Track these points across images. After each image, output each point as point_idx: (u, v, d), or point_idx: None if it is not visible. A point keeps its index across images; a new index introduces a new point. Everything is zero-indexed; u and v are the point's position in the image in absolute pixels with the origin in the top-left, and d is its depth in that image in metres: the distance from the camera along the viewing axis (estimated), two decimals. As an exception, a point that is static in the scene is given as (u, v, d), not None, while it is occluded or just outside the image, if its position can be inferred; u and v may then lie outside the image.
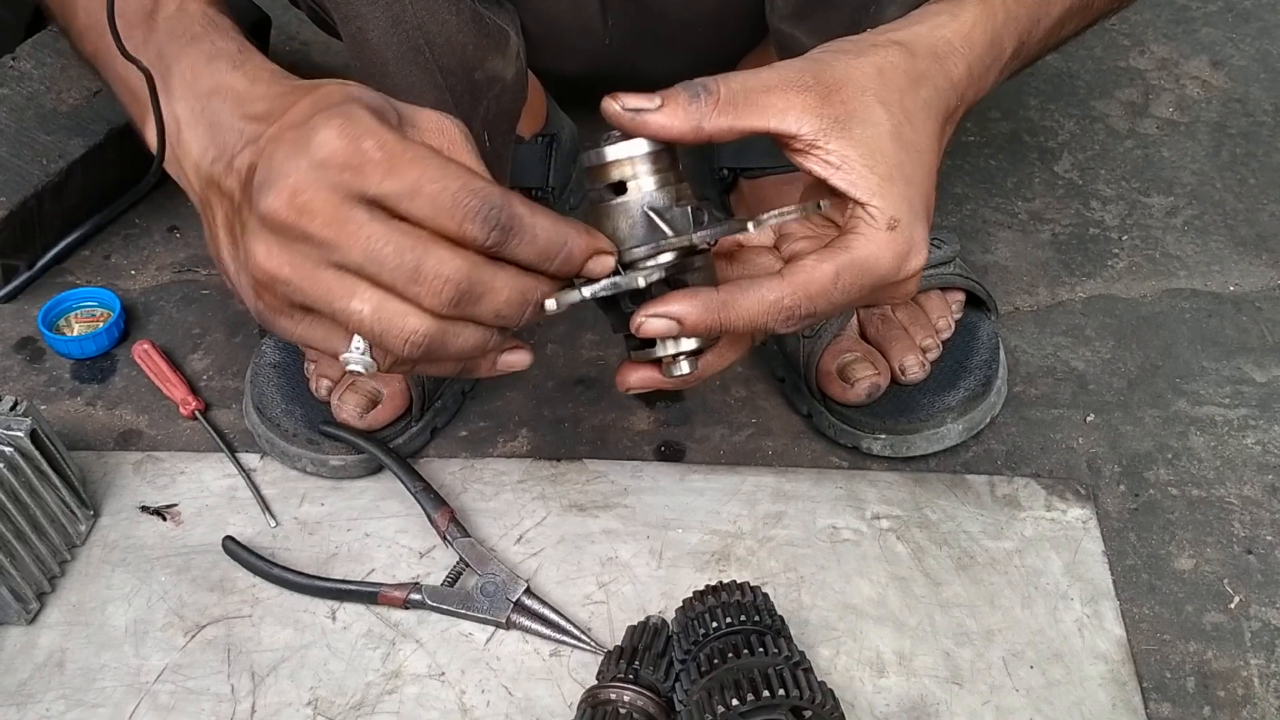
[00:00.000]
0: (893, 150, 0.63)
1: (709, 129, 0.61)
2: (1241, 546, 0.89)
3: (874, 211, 0.62)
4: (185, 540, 0.89)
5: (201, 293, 1.09)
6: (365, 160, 0.54)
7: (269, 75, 0.64)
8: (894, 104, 0.63)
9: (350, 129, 0.54)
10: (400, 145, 0.54)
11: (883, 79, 0.64)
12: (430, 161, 0.54)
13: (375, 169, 0.54)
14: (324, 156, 0.54)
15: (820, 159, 0.62)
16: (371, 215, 0.55)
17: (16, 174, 1.05)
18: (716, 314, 0.62)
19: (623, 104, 0.60)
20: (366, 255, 0.55)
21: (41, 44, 1.15)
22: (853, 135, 0.62)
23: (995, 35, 0.70)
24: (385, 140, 0.54)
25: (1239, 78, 1.32)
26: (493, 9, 0.79)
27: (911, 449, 0.92)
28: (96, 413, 0.99)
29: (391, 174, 0.54)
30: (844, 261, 0.62)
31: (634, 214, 0.62)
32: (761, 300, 0.62)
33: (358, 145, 0.54)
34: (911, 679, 0.81)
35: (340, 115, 0.55)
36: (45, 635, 0.84)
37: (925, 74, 0.66)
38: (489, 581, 0.85)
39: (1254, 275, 1.10)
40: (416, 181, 0.54)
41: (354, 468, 0.92)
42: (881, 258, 0.62)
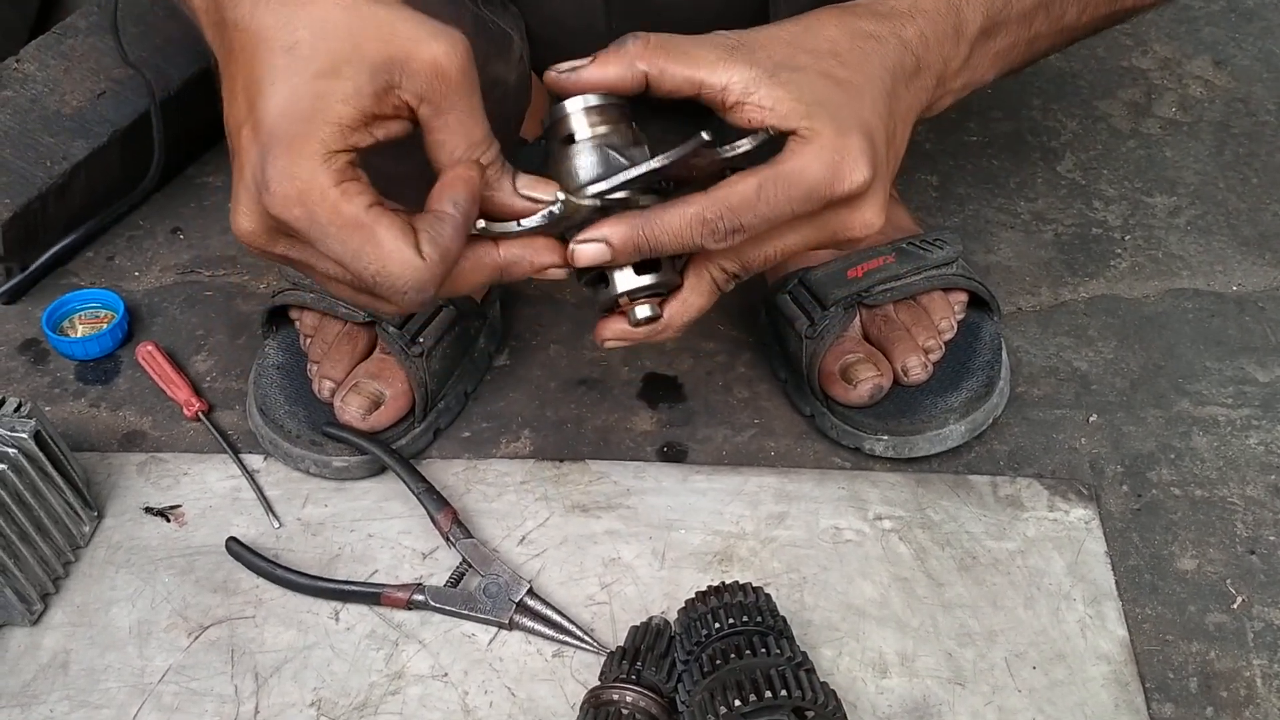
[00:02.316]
0: (822, 85, 0.64)
1: (642, 68, 0.63)
2: (1244, 547, 0.89)
3: (803, 131, 0.63)
4: (189, 541, 0.89)
5: (205, 294, 1.09)
6: (298, 226, 0.59)
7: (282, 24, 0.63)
8: (823, 52, 0.65)
9: (283, 193, 0.58)
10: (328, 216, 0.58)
11: (810, 33, 0.66)
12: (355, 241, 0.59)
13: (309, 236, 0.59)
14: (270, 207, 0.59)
15: (754, 107, 0.63)
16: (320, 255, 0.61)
17: (20, 176, 1.05)
18: (640, 231, 0.64)
19: (557, 68, 0.63)
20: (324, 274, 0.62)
21: (45, 46, 1.15)
22: (780, 79, 0.63)
23: (950, 2, 0.71)
24: (313, 209, 0.58)
25: (1242, 77, 1.32)
26: (496, 12, 0.79)
27: (914, 450, 0.92)
28: (100, 414, 0.99)
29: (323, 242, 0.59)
30: (767, 174, 0.63)
31: (587, 155, 0.65)
32: (683, 215, 0.63)
33: (290, 212, 0.58)
34: (914, 680, 0.81)
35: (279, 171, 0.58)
36: (49, 636, 0.84)
37: (866, 28, 0.67)
38: (492, 582, 0.85)
39: (1257, 275, 1.10)
40: (344, 257, 0.59)
41: (357, 469, 0.92)
42: (808, 168, 0.63)
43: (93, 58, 1.14)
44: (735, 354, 1.04)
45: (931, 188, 1.19)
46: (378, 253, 0.58)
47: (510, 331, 1.06)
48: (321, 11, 0.59)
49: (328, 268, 0.61)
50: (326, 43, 0.59)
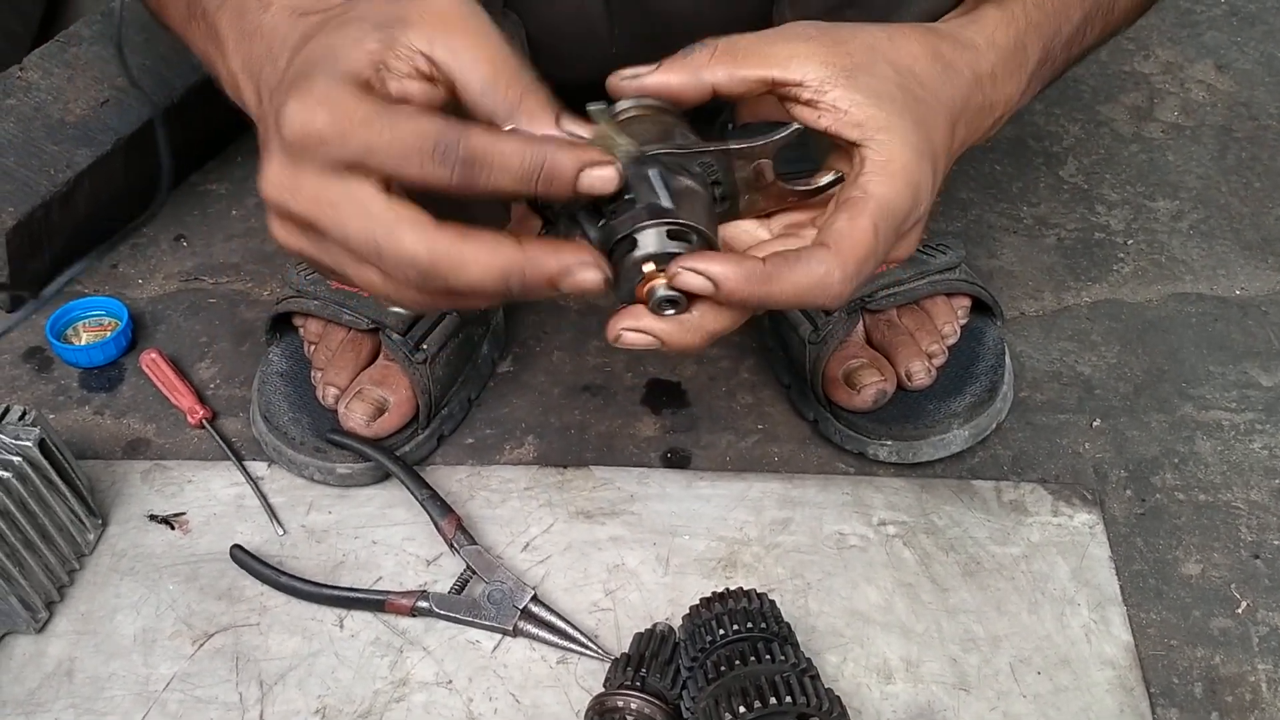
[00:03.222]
0: (900, 96, 0.61)
1: (709, 79, 0.60)
2: (1249, 551, 0.89)
3: (880, 144, 0.59)
4: (193, 549, 0.90)
5: (209, 301, 1.09)
6: (320, 137, 0.53)
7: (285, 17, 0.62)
8: (903, 66, 0.62)
9: (304, 106, 0.53)
10: (351, 105, 0.53)
11: (893, 43, 0.62)
12: (381, 117, 0.53)
13: (332, 141, 0.53)
14: (288, 136, 0.54)
15: (825, 107, 0.60)
16: (344, 189, 0.54)
17: (24, 184, 1.05)
18: (759, 285, 0.57)
19: (620, 75, 0.60)
20: (339, 235, 0.55)
21: (48, 54, 1.15)
22: (858, 83, 0.60)
23: (1019, 39, 0.69)
24: (335, 108, 0.53)
25: (1244, 81, 1.32)
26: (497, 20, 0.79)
27: (918, 455, 0.92)
28: (104, 422, 1.00)
29: (346, 142, 0.53)
30: (874, 210, 0.59)
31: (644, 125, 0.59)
32: (810, 274, 0.57)
33: (311, 122, 0.53)
34: (918, 685, 0.81)
35: (298, 91, 0.54)
36: (54, 644, 0.84)
37: (946, 55, 0.65)
38: (496, 589, 0.85)
39: (1260, 279, 1.10)
40: (368, 141, 0.53)
41: (361, 475, 0.92)
42: (901, 194, 0.60)
43: (96, 66, 1.14)
44: (739, 359, 1.04)
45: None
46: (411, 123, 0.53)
47: (514, 338, 1.06)
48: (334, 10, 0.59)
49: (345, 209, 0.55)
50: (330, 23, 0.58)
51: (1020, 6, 0.70)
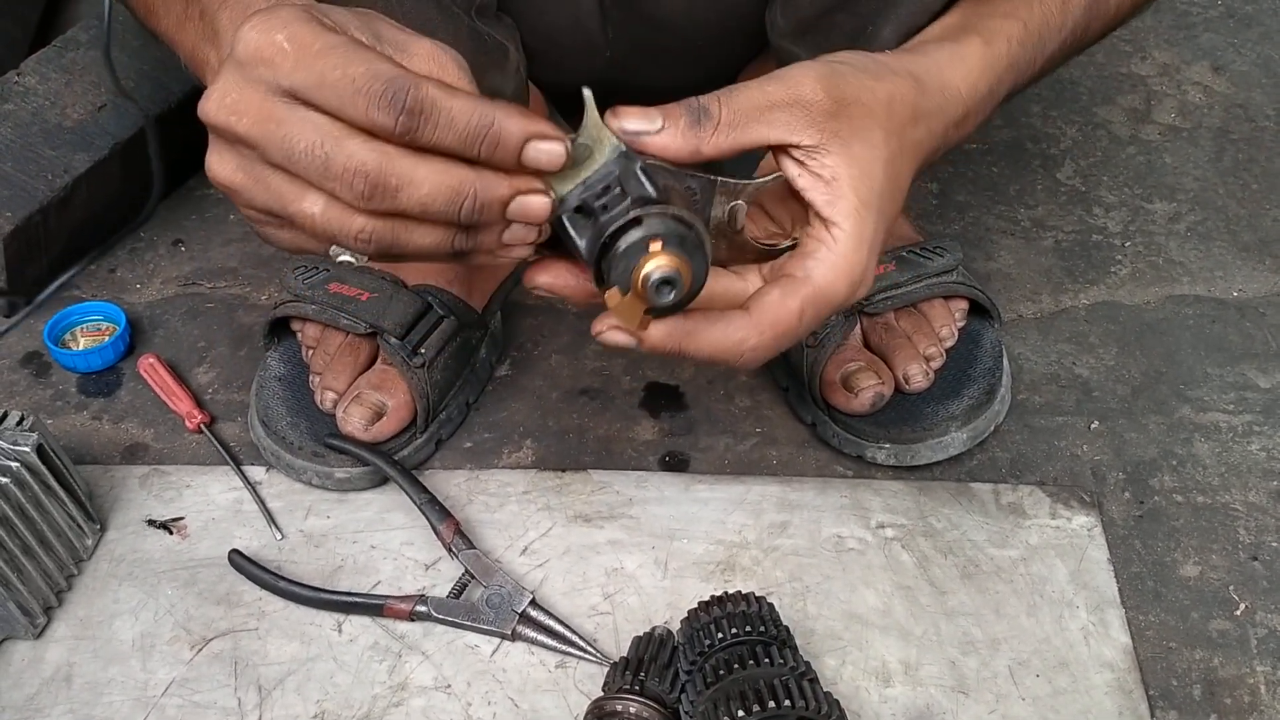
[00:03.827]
0: (881, 179, 0.62)
1: (708, 151, 0.59)
2: (1247, 553, 0.89)
3: (839, 235, 0.61)
4: (191, 554, 0.89)
5: (206, 306, 1.09)
6: (276, 53, 0.52)
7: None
8: (894, 135, 0.63)
9: (265, 25, 0.53)
10: (311, 36, 0.52)
11: (890, 109, 0.63)
12: (338, 50, 0.52)
13: (285, 61, 0.52)
14: (241, 54, 0.53)
15: (812, 170, 0.61)
16: (289, 109, 0.53)
17: (21, 189, 1.06)
18: (678, 342, 0.60)
19: (622, 125, 0.58)
20: (285, 152, 0.53)
21: (46, 59, 1.15)
22: (851, 153, 0.61)
23: (996, 82, 0.70)
24: (296, 32, 0.52)
25: (1241, 83, 1.32)
26: (491, 24, 0.79)
27: (916, 458, 0.92)
28: (103, 427, 1.00)
29: (299, 65, 0.52)
30: (808, 295, 0.61)
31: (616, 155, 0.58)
32: (727, 338, 0.60)
33: (270, 39, 0.52)
34: (917, 688, 0.81)
35: (262, 14, 0.53)
36: (53, 650, 0.84)
37: (927, 113, 0.65)
38: (495, 593, 0.85)
39: (1257, 281, 1.10)
40: (321, 70, 0.52)
41: (359, 480, 0.92)
42: (839, 286, 0.61)
43: (93, 71, 1.14)
44: (736, 363, 1.04)
45: (931, 195, 1.19)
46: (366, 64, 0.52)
47: (511, 342, 1.06)
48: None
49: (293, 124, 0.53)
50: None
51: (1005, 45, 0.71)
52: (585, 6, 0.90)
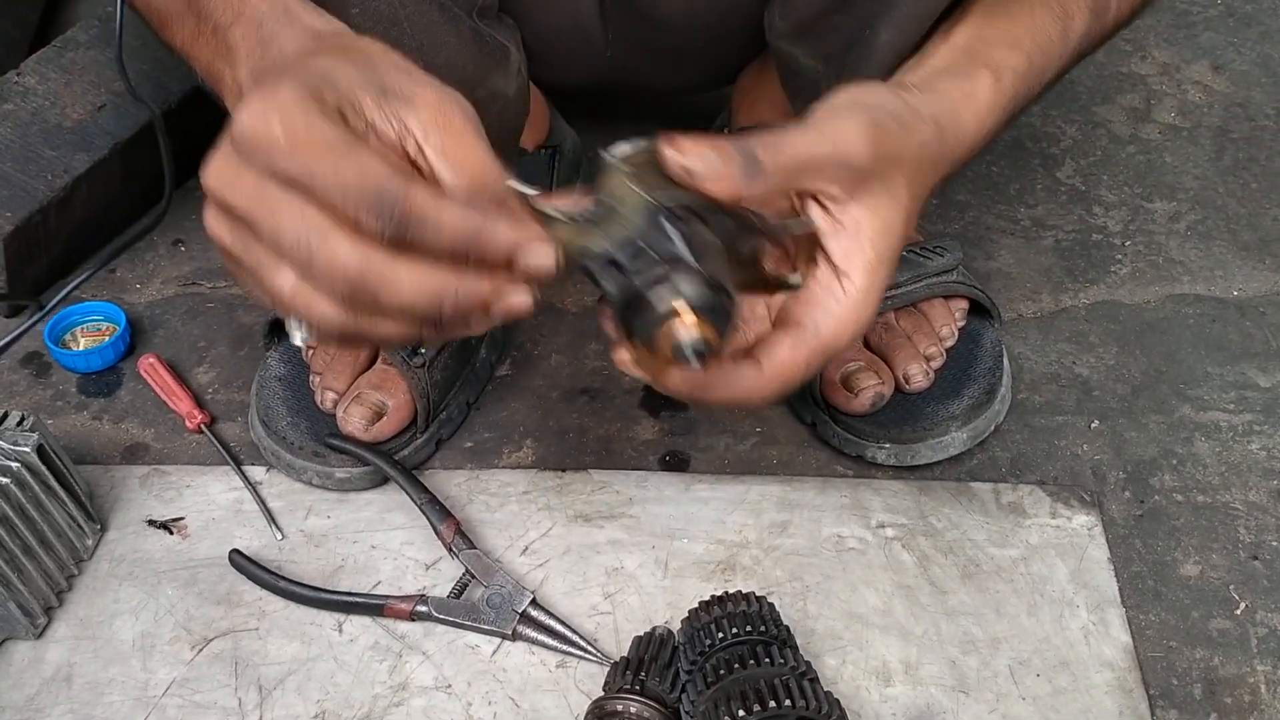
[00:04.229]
0: (898, 233, 0.63)
1: (749, 197, 0.59)
2: (1247, 552, 0.89)
3: (850, 289, 0.62)
4: (192, 554, 0.90)
5: (207, 306, 1.09)
6: (270, 142, 0.52)
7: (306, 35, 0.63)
8: (916, 186, 0.64)
9: (262, 110, 0.53)
10: (305, 128, 0.52)
11: (919, 163, 0.64)
12: (331, 149, 0.52)
13: (278, 152, 0.52)
14: (238, 136, 0.53)
15: (835, 217, 0.62)
16: (280, 196, 0.53)
17: (21, 189, 1.06)
18: (694, 390, 0.62)
19: (678, 161, 0.57)
20: (272, 237, 0.53)
21: (46, 59, 1.15)
22: (877, 204, 0.62)
23: (1000, 118, 0.71)
24: (291, 122, 0.52)
25: (1240, 82, 1.32)
26: (493, 25, 0.79)
27: (916, 458, 0.92)
28: (103, 427, 1.00)
29: (292, 159, 0.52)
30: (815, 348, 0.62)
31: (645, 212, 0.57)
32: (741, 388, 0.62)
33: (266, 127, 0.52)
34: (918, 688, 0.81)
35: (261, 94, 0.53)
36: (53, 650, 0.84)
37: (944, 159, 0.67)
38: (495, 593, 0.85)
39: (1258, 280, 1.10)
40: (313, 168, 0.52)
41: (360, 480, 0.92)
42: (843, 337, 0.63)
43: (93, 71, 1.14)
44: (737, 362, 1.04)
45: (931, 195, 1.19)
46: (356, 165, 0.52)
47: (511, 341, 1.06)
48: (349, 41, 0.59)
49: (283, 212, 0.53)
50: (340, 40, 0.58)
51: (1011, 79, 0.71)
52: (585, 7, 0.90)
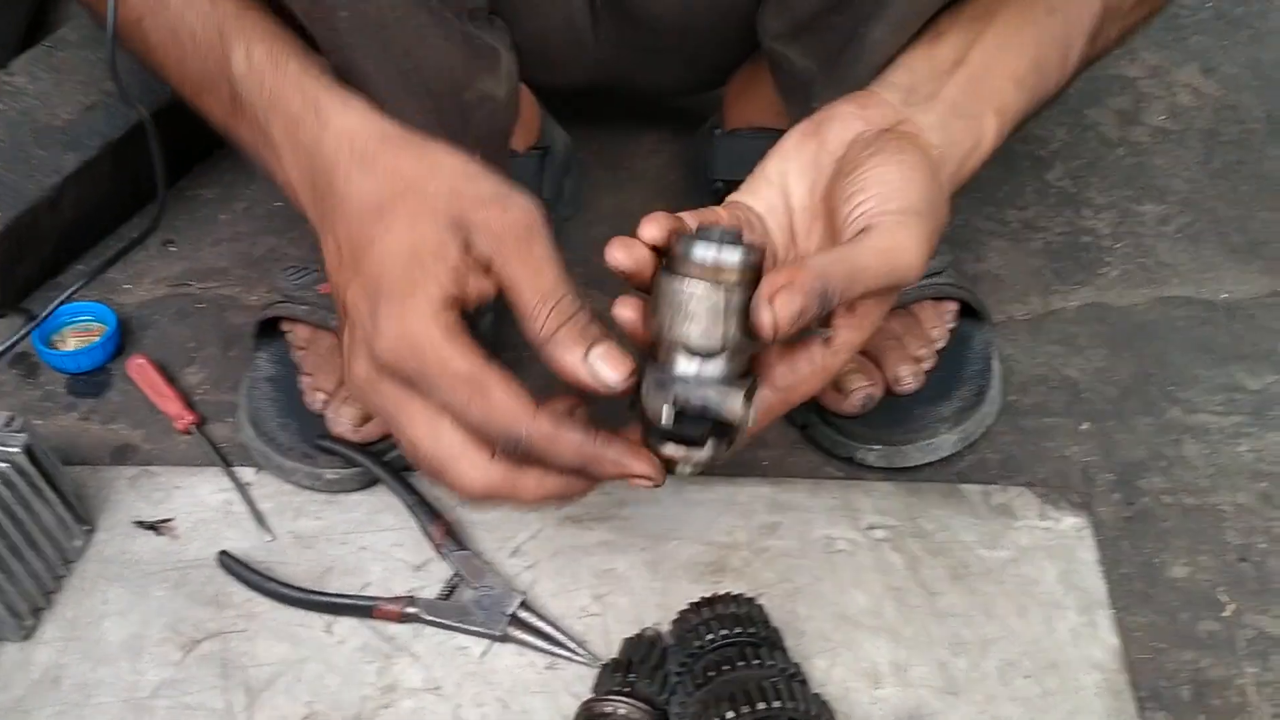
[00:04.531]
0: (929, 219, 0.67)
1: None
2: (1235, 554, 0.89)
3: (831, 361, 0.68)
4: (181, 555, 0.89)
5: (196, 306, 1.09)
6: (407, 369, 0.62)
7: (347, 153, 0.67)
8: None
9: (398, 337, 0.61)
10: (437, 362, 0.61)
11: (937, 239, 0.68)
12: (464, 382, 0.61)
13: (418, 379, 0.62)
14: (380, 356, 0.62)
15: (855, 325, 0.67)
16: (422, 411, 0.63)
17: (11, 189, 1.05)
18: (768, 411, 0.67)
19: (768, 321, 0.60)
20: (410, 446, 0.64)
21: (36, 58, 1.15)
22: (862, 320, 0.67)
23: (996, 149, 0.74)
24: (426, 356, 0.61)
25: (1230, 85, 1.32)
26: (483, 27, 0.79)
27: (906, 460, 0.92)
28: (92, 427, 0.99)
29: (430, 385, 0.61)
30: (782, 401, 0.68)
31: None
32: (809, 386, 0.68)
33: (403, 356, 0.61)
34: (907, 689, 0.81)
35: (392, 316, 0.61)
36: (41, 651, 0.84)
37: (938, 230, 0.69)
38: (485, 594, 0.85)
39: (1247, 282, 1.11)
40: (447, 397, 0.61)
41: (349, 481, 0.92)
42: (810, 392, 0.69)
43: (83, 70, 1.14)
44: (727, 364, 1.04)
45: None
46: (485, 403, 0.61)
47: (504, 343, 1.05)
48: (403, 170, 0.65)
49: (422, 426, 0.64)
50: (407, 203, 0.63)
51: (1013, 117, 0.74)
52: (576, 9, 0.90)
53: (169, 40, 0.75)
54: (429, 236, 0.62)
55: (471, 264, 0.63)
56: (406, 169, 0.65)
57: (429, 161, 0.65)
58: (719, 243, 0.61)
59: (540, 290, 0.62)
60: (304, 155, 0.69)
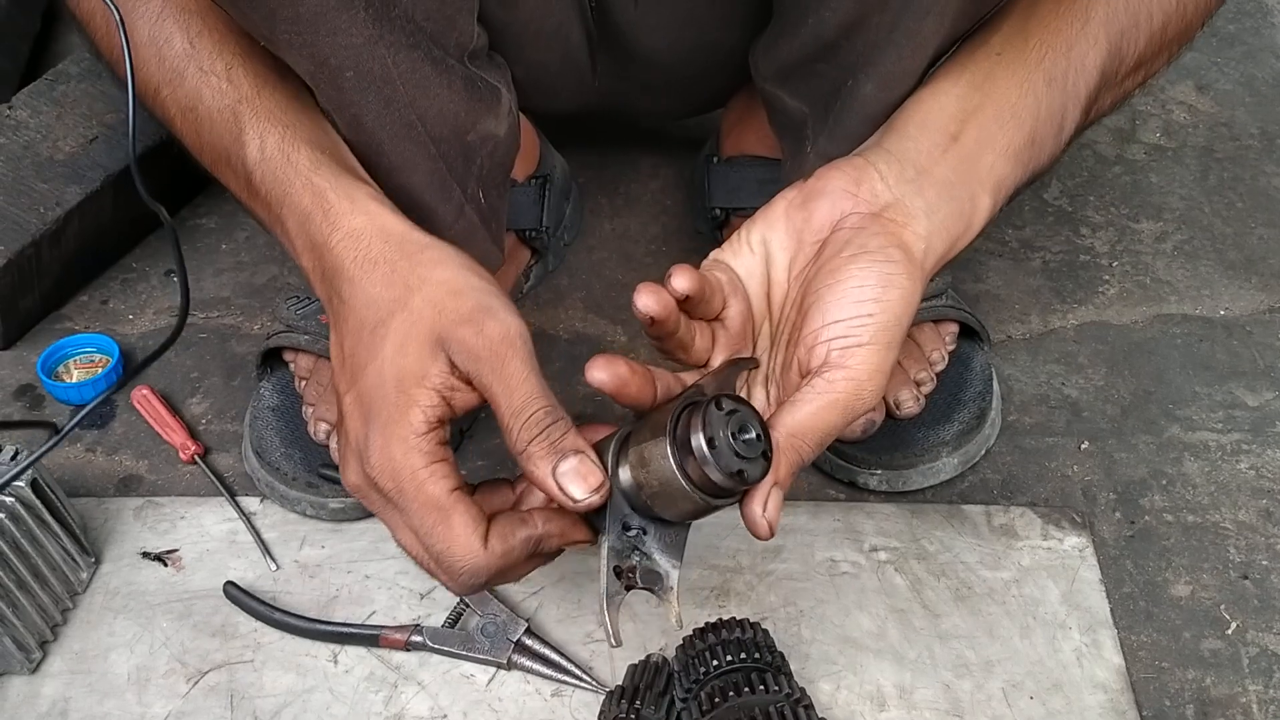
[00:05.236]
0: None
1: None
2: (1237, 572, 0.90)
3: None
4: (186, 586, 0.90)
5: (199, 337, 1.10)
6: (391, 493, 0.66)
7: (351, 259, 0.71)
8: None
9: (383, 465, 0.66)
10: (413, 485, 0.65)
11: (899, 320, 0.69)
12: (430, 509, 0.65)
13: (396, 497, 0.66)
14: (370, 475, 0.67)
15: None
16: (403, 522, 0.67)
17: (14, 223, 1.06)
18: None
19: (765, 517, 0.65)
20: (400, 544, 0.69)
21: (37, 92, 1.16)
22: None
23: (989, 225, 0.75)
24: (403, 480, 0.65)
25: (1224, 102, 1.33)
26: (484, 67, 0.80)
27: (907, 484, 0.93)
28: (96, 459, 1.00)
29: (404, 508, 0.66)
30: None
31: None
32: None
33: (389, 485, 0.66)
34: (912, 712, 0.81)
35: (380, 442, 0.66)
36: (48, 684, 0.84)
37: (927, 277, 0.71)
38: (490, 622, 0.85)
39: (1244, 299, 1.11)
40: (418, 525, 0.66)
41: (353, 510, 0.93)
42: None
43: (85, 103, 1.15)
44: (728, 387, 1.04)
45: None
46: (447, 535, 0.65)
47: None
48: (398, 279, 0.68)
49: (405, 534, 0.68)
50: (398, 322, 0.67)
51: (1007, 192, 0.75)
52: (574, 44, 0.91)
53: (187, 113, 0.78)
54: (413, 362, 0.66)
55: (456, 380, 0.66)
56: (401, 278, 0.68)
57: (419, 274, 0.68)
58: (727, 473, 0.63)
59: (513, 407, 0.65)
60: (315, 252, 0.73)
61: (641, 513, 0.67)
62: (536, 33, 0.88)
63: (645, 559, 0.67)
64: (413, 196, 0.80)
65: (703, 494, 0.64)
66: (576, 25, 0.90)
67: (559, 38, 0.89)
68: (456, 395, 0.67)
